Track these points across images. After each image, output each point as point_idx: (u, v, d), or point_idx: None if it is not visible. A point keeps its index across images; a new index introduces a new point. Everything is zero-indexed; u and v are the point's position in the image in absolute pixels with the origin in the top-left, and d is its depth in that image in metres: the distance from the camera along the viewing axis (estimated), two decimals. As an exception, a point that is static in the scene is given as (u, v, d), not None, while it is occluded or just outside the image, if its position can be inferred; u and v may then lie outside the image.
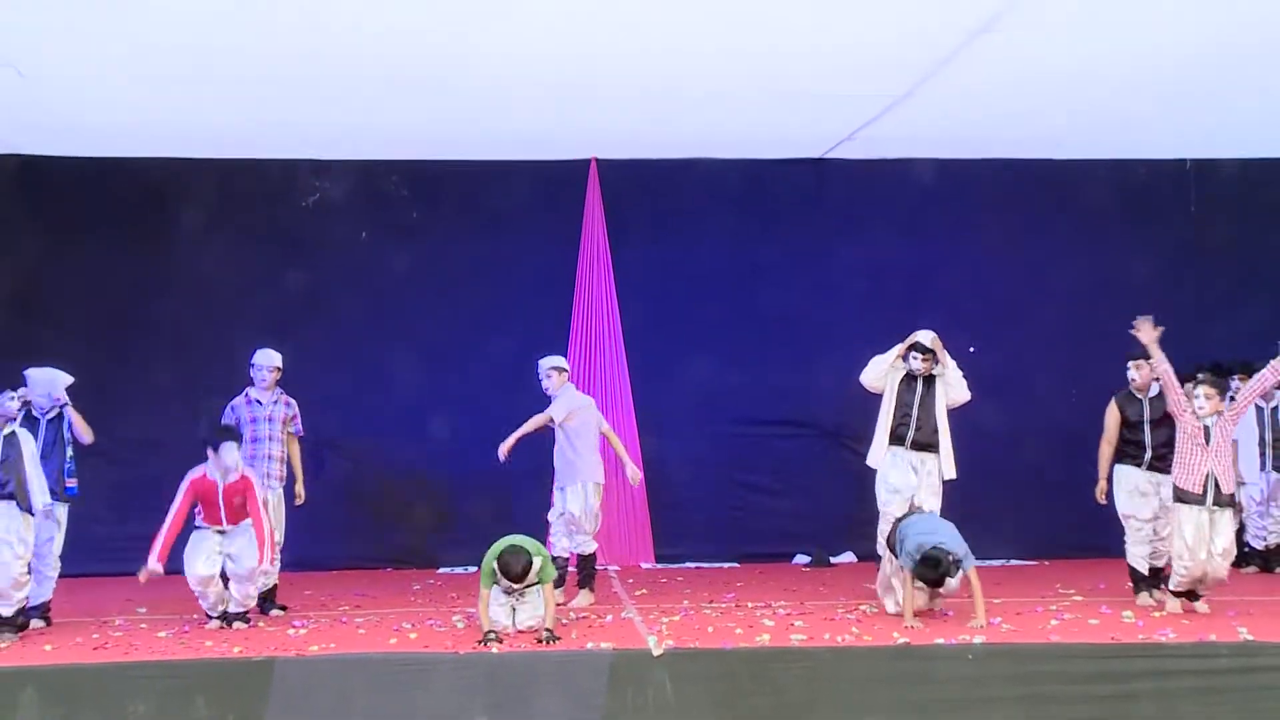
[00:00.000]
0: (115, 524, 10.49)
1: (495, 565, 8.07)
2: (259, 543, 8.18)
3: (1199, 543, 8.29)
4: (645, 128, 10.68)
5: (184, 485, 8.17)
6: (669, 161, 11.60)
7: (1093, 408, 11.58)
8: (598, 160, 11.62)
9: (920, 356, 8.90)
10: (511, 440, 9.30)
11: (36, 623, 8.48)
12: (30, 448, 8.26)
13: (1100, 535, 11.46)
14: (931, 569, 8.03)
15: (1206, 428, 8.35)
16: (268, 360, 9.29)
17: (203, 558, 8.28)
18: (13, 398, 8.43)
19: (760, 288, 11.77)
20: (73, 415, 8.79)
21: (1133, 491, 9.01)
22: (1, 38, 8.19)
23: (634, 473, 9.81)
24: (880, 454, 9.05)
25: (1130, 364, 9.13)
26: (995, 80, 9.23)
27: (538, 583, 8.20)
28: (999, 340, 11.26)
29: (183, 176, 11.32)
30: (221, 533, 8.31)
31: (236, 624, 8.33)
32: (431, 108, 9.90)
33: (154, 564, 7.97)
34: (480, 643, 7.82)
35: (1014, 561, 11.15)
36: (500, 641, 7.87)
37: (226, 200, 11.42)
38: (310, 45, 8.40)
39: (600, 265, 11.62)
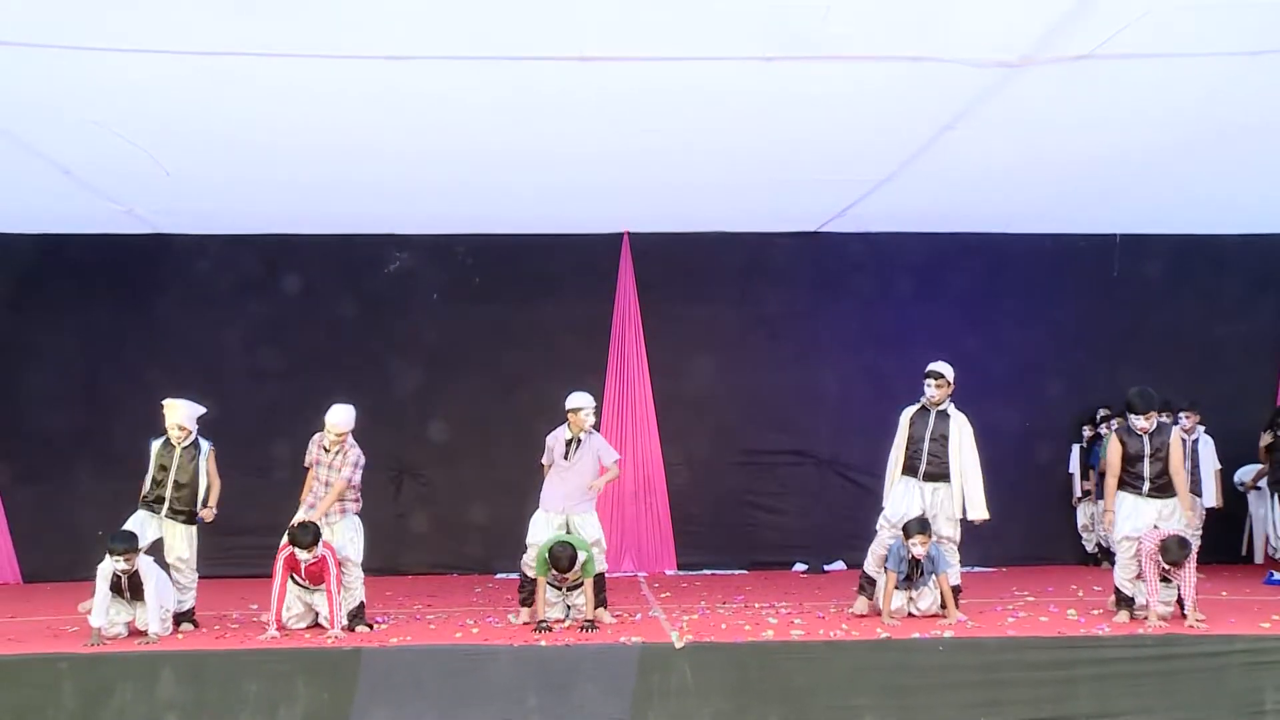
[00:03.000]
0: (229, 535, 10.65)
1: (547, 555, 8.15)
2: (330, 611, 8.10)
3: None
4: (669, 207, 10.75)
5: (280, 563, 8.11)
6: (690, 234, 11.66)
7: (1042, 438, 11.70)
8: (630, 233, 11.70)
9: (934, 383, 8.38)
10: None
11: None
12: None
13: (1047, 548, 11.59)
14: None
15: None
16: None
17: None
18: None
19: (766, 339, 11.81)
20: (209, 458, 8.48)
21: (1131, 516, 8.26)
22: (155, 145, 8.40)
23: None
24: (892, 491, 8.51)
25: (1141, 416, 8.19)
26: (960, 168, 9.24)
27: (582, 582, 8.30)
28: (962, 382, 11.07)
29: (289, 249, 11.49)
30: (304, 588, 8.30)
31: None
32: (494, 193, 9.99)
33: (273, 630, 8.01)
34: (534, 630, 7.98)
35: (977, 569, 11.01)
36: (550, 630, 8.00)
37: (324, 268, 11.57)
38: (395, 144, 8.58)
39: (631, 320, 11.68)
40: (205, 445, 8.57)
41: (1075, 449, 11.52)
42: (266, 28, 6.40)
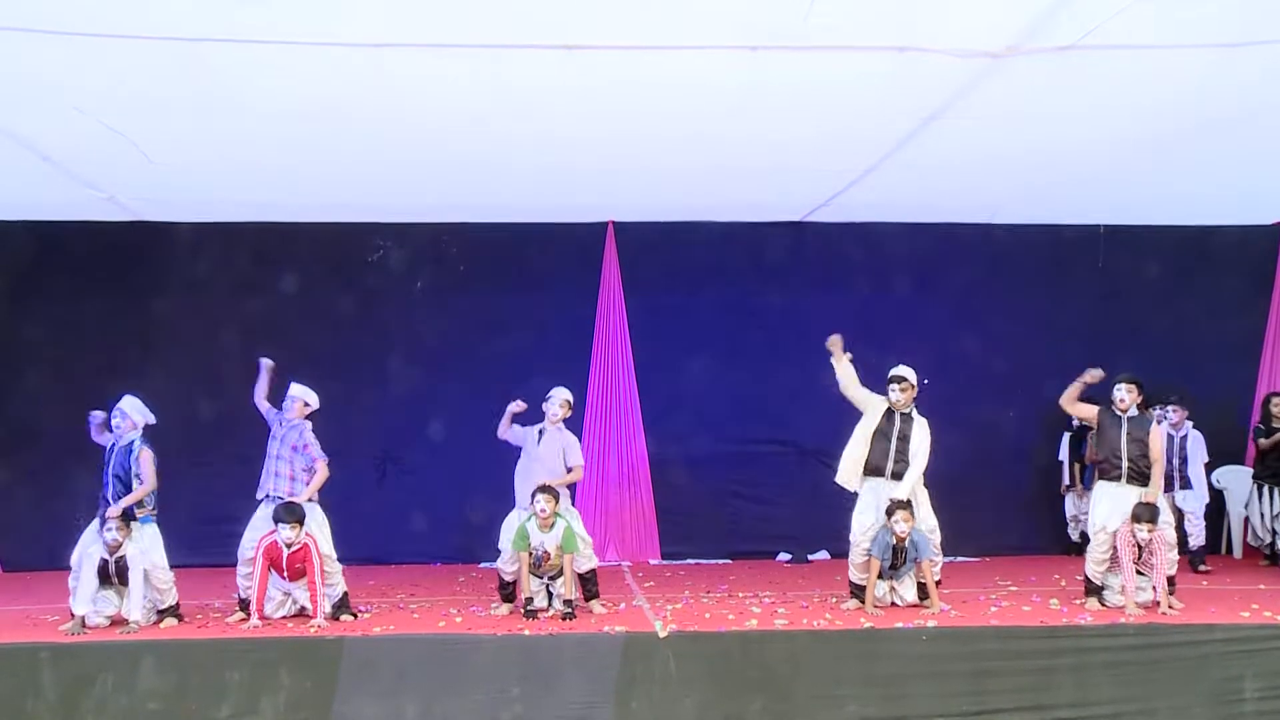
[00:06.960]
0: (211, 524, 10.62)
1: (525, 527, 8.20)
2: (312, 602, 8.11)
3: None
4: (654, 196, 10.73)
5: (259, 553, 8.09)
6: (674, 224, 11.64)
7: (1025, 428, 11.74)
8: (614, 223, 11.67)
9: (898, 387, 8.48)
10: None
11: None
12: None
13: (1030, 538, 11.63)
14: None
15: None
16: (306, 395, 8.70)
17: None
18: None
19: (750, 329, 11.79)
20: (145, 455, 8.24)
21: (1110, 507, 8.35)
22: (137, 131, 8.33)
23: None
24: (852, 479, 8.58)
25: (1123, 385, 8.49)
26: (944, 158, 9.23)
27: (560, 570, 8.30)
28: (948, 373, 11.15)
29: (271, 238, 11.40)
30: (285, 580, 8.27)
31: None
32: (479, 182, 9.96)
33: (255, 620, 7.99)
34: (522, 612, 8.03)
35: (960, 559, 11.08)
36: (535, 617, 8.03)
37: (307, 258, 11.47)
38: (379, 132, 8.53)
39: (616, 311, 11.67)
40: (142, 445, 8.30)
41: (1066, 436, 11.49)
42: (248, 14, 6.35)
